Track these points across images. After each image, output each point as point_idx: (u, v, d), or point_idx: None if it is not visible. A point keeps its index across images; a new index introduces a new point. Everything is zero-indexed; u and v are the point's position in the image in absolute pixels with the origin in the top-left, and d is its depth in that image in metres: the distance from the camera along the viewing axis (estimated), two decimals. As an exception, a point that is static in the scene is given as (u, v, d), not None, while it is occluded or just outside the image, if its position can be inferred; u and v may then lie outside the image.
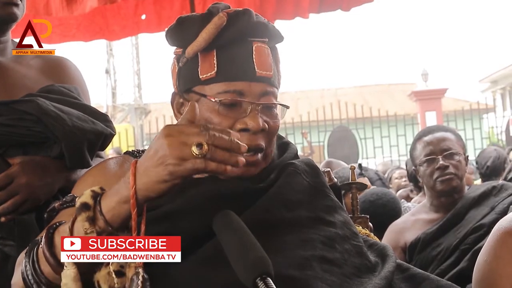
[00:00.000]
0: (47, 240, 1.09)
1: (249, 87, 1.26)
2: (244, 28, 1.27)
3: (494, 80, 28.01)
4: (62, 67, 1.78)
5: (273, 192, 1.27)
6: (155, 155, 1.00)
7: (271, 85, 1.30)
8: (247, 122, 1.25)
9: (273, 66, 1.32)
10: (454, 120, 13.33)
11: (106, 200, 1.06)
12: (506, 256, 1.41)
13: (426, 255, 2.48)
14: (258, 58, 1.28)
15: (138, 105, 17.51)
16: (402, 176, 5.73)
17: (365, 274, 1.23)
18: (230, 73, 1.26)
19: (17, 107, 1.53)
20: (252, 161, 1.28)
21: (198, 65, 1.28)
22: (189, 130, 1.00)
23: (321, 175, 1.40)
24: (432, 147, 2.55)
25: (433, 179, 2.53)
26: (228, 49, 1.27)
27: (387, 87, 26.44)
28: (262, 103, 1.28)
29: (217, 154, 0.98)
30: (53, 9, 3.99)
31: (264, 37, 1.31)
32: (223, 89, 1.26)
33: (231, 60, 1.27)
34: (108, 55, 17.76)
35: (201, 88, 1.28)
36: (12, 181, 1.49)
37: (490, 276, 1.44)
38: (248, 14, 1.28)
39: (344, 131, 13.70)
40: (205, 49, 1.26)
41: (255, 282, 0.97)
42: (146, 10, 4.39)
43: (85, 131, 1.56)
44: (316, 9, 4.44)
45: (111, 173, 1.33)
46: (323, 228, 1.27)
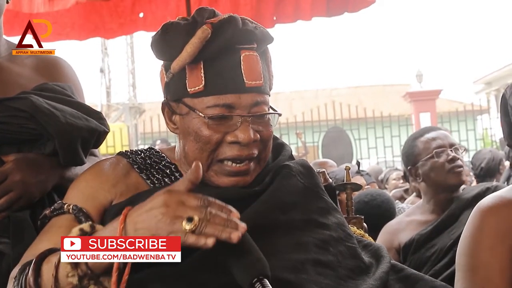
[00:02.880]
0: (34, 270, 1.11)
1: (239, 99, 1.24)
2: (230, 37, 1.24)
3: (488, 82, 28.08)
4: (56, 66, 1.78)
5: (268, 195, 1.27)
6: (148, 217, 1.02)
7: (261, 94, 1.28)
8: (237, 135, 1.24)
9: (263, 73, 1.29)
10: (448, 121, 13.35)
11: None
12: (486, 229, 1.49)
13: (420, 256, 2.48)
14: (246, 68, 1.25)
15: (132, 104, 17.45)
16: (399, 178, 5.73)
17: (360, 275, 1.24)
18: (219, 86, 1.24)
19: (10, 105, 1.53)
20: (243, 170, 1.28)
21: (185, 77, 1.26)
22: (189, 202, 1.02)
23: (316, 177, 1.40)
24: (440, 141, 2.55)
25: (445, 170, 2.51)
26: (215, 61, 1.24)
27: (382, 88, 26.46)
28: (253, 114, 1.26)
29: (208, 230, 0.99)
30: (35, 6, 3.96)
31: (252, 43, 1.27)
32: (212, 103, 1.24)
33: (219, 72, 1.24)
34: (103, 54, 17.69)
35: (191, 101, 1.26)
36: (6, 178, 1.49)
37: (472, 248, 1.51)
38: (234, 22, 1.25)
39: (339, 132, 13.71)
40: (192, 61, 1.24)
41: (252, 284, 0.98)
42: (143, 8, 4.36)
43: (79, 128, 1.56)
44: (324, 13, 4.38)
45: (105, 176, 1.33)
46: (317, 230, 1.27)
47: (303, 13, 4.40)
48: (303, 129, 12.80)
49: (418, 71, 15.39)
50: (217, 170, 1.28)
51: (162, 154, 1.40)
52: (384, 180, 6.21)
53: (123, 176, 1.33)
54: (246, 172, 1.28)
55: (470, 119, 14.02)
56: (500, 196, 1.54)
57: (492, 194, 1.58)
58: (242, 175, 1.28)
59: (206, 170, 1.27)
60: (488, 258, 1.46)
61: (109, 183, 1.31)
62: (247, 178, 1.29)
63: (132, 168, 1.35)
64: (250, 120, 1.25)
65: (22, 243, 1.38)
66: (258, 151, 1.29)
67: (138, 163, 1.35)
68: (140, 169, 1.34)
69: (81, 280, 1.05)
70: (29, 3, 3.92)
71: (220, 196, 1.17)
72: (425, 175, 2.59)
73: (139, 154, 1.39)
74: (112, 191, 1.31)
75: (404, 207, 3.76)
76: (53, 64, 1.78)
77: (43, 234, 1.28)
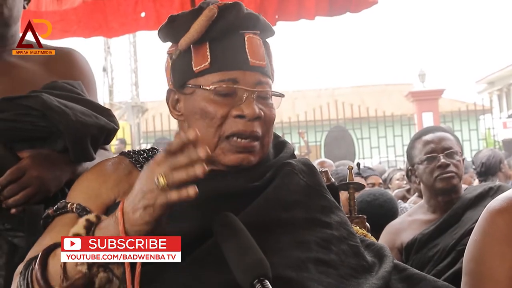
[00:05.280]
0: (41, 264, 1.10)
1: (244, 75, 1.28)
2: (235, 19, 1.29)
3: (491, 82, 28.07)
4: (69, 61, 1.80)
5: (270, 193, 1.27)
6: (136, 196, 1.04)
7: (264, 75, 1.31)
8: (243, 109, 1.27)
9: (266, 57, 1.33)
10: (451, 121, 13.33)
11: (99, 232, 1.08)
12: (495, 234, 1.44)
13: (422, 255, 2.47)
14: (250, 48, 1.29)
15: (135, 103, 17.49)
16: (403, 178, 5.73)
17: (362, 274, 1.23)
18: (224, 63, 1.28)
19: (22, 103, 1.56)
20: (249, 146, 1.29)
21: (191, 58, 1.29)
22: (154, 162, 1.02)
23: (318, 175, 1.40)
24: (433, 145, 2.55)
25: (433, 177, 2.52)
26: (220, 41, 1.29)
27: (384, 87, 26.44)
28: (257, 90, 1.29)
29: (175, 179, 0.98)
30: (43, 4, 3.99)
31: (255, 29, 1.33)
32: (218, 79, 1.27)
33: (224, 50, 1.28)
34: (106, 53, 17.71)
35: (196, 81, 1.30)
36: (24, 174, 1.51)
37: (480, 254, 1.46)
38: (238, 7, 1.31)
39: (341, 131, 13.70)
40: (198, 42, 1.28)
41: (252, 285, 0.97)
42: (146, 8, 4.39)
43: (88, 125, 1.59)
44: (326, 12, 4.40)
45: (107, 175, 1.33)
46: (319, 229, 1.27)
47: (307, 12, 4.41)
48: (305, 129, 12.79)
49: (421, 70, 15.39)
50: (224, 148, 1.29)
51: None
52: (388, 180, 6.21)
53: (126, 175, 1.33)
54: (251, 150, 1.29)
55: (472, 119, 13.99)
56: (509, 198, 1.49)
57: (501, 195, 1.53)
58: (248, 152, 1.29)
59: (214, 149, 1.28)
60: (497, 264, 1.41)
61: (112, 182, 1.32)
62: (252, 157, 1.30)
63: (135, 167, 1.35)
64: (254, 97, 1.28)
65: (36, 237, 1.38)
66: (262, 133, 1.30)
67: (141, 163, 1.36)
68: (142, 169, 1.34)
69: (90, 268, 1.05)
70: (37, 1, 3.94)
71: (222, 192, 1.16)
72: (420, 177, 2.62)
73: (142, 154, 1.39)
74: (115, 190, 1.31)
75: (406, 206, 3.75)
76: (67, 59, 1.80)
77: (47, 233, 1.29)
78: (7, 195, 1.50)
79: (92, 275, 1.06)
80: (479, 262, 1.45)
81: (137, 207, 1.02)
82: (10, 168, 1.51)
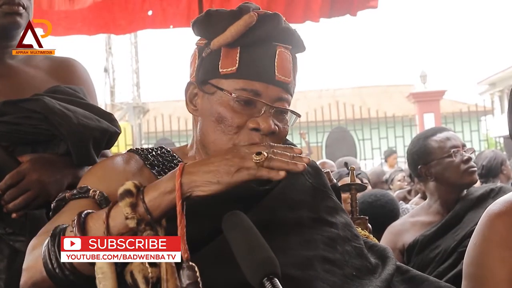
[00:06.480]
0: (79, 226, 1.09)
1: (266, 89, 1.27)
2: (271, 31, 1.28)
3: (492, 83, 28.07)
4: (70, 68, 1.82)
5: (276, 192, 1.27)
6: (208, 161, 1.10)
7: (286, 92, 1.31)
8: (259, 122, 1.26)
9: (291, 73, 1.32)
10: (452, 122, 13.33)
11: (149, 190, 1.09)
12: (494, 238, 1.43)
13: (424, 257, 2.48)
14: (280, 62, 1.28)
15: (136, 103, 17.47)
16: (404, 179, 5.72)
17: (366, 275, 1.24)
18: (251, 72, 1.27)
19: (24, 106, 1.56)
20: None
21: (219, 58, 1.28)
22: (252, 148, 1.12)
23: (323, 176, 1.41)
24: (454, 142, 2.57)
25: (461, 170, 2.52)
26: (252, 49, 1.27)
27: (386, 88, 26.45)
28: (276, 107, 1.28)
29: (275, 163, 1.07)
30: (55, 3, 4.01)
31: (288, 43, 1.32)
32: (241, 86, 1.26)
33: (253, 60, 1.27)
34: (107, 53, 17.71)
35: (218, 82, 1.29)
36: (23, 178, 1.51)
37: (480, 258, 1.45)
38: (278, 19, 1.30)
39: (342, 132, 13.71)
40: (230, 45, 1.26)
41: (262, 283, 0.97)
42: (153, 6, 4.41)
43: (91, 128, 1.59)
44: (327, 14, 4.43)
45: (120, 169, 1.33)
46: (325, 228, 1.27)
47: (312, 14, 4.44)
48: (306, 129, 12.79)
49: (422, 71, 15.40)
50: None
51: (173, 153, 1.41)
52: (389, 180, 6.20)
53: (137, 170, 1.33)
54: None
55: (474, 120, 13.98)
56: (508, 201, 1.49)
57: (500, 199, 1.53)
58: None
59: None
60: (497, 268, 1.41)
61: (125, 175, 1.30)
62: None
63: (144, 164, 1.35)
64: (273, 112, 1.28)
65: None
66: None
67: (150, 160, 1.36)
68: (151, 166, 1.35)
69: (139, 223, 1.06)
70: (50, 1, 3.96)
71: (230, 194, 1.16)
72: (438, 174, 2.57)
73: (150, 152, 1.40)
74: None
75: (408, 207, 3.74)
76: (67, 66, 1.82)
77: (63, 213, 1.25)
78: (7, 199, 1.50)
79: (138, 231, 1.06)
80: (479, 266, 1.45)
81: (209, 169, 1.08)
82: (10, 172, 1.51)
